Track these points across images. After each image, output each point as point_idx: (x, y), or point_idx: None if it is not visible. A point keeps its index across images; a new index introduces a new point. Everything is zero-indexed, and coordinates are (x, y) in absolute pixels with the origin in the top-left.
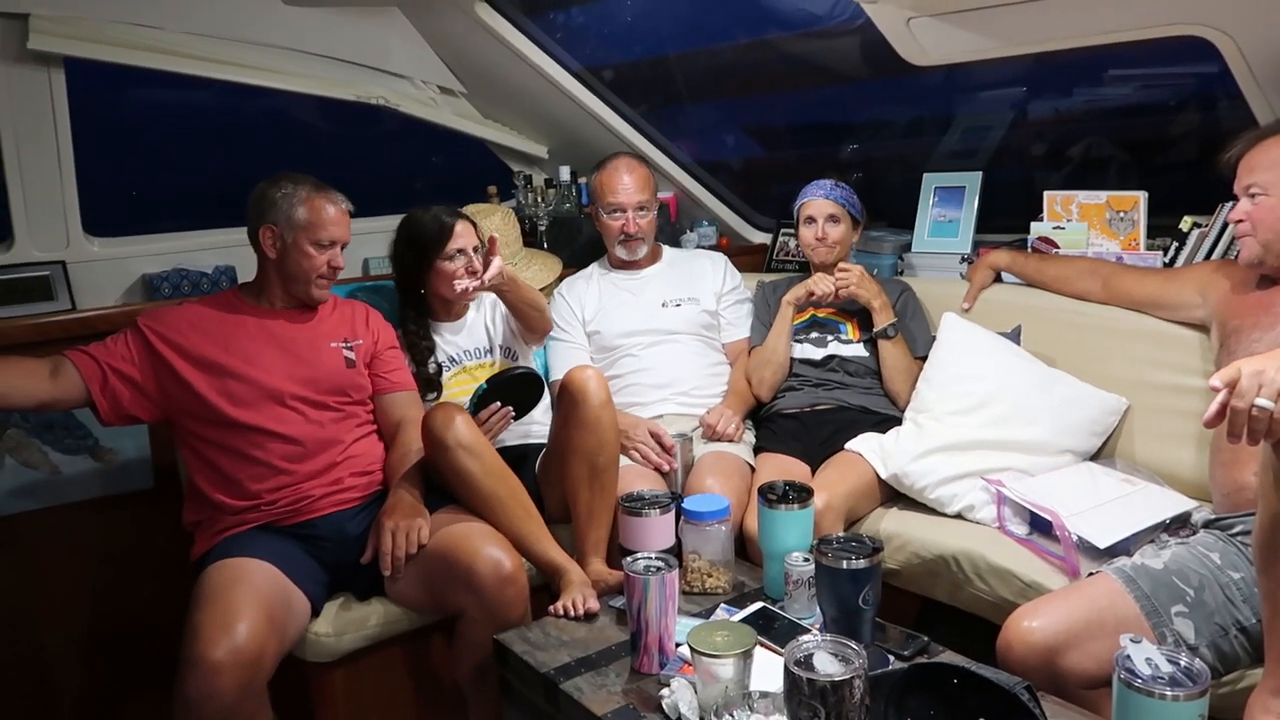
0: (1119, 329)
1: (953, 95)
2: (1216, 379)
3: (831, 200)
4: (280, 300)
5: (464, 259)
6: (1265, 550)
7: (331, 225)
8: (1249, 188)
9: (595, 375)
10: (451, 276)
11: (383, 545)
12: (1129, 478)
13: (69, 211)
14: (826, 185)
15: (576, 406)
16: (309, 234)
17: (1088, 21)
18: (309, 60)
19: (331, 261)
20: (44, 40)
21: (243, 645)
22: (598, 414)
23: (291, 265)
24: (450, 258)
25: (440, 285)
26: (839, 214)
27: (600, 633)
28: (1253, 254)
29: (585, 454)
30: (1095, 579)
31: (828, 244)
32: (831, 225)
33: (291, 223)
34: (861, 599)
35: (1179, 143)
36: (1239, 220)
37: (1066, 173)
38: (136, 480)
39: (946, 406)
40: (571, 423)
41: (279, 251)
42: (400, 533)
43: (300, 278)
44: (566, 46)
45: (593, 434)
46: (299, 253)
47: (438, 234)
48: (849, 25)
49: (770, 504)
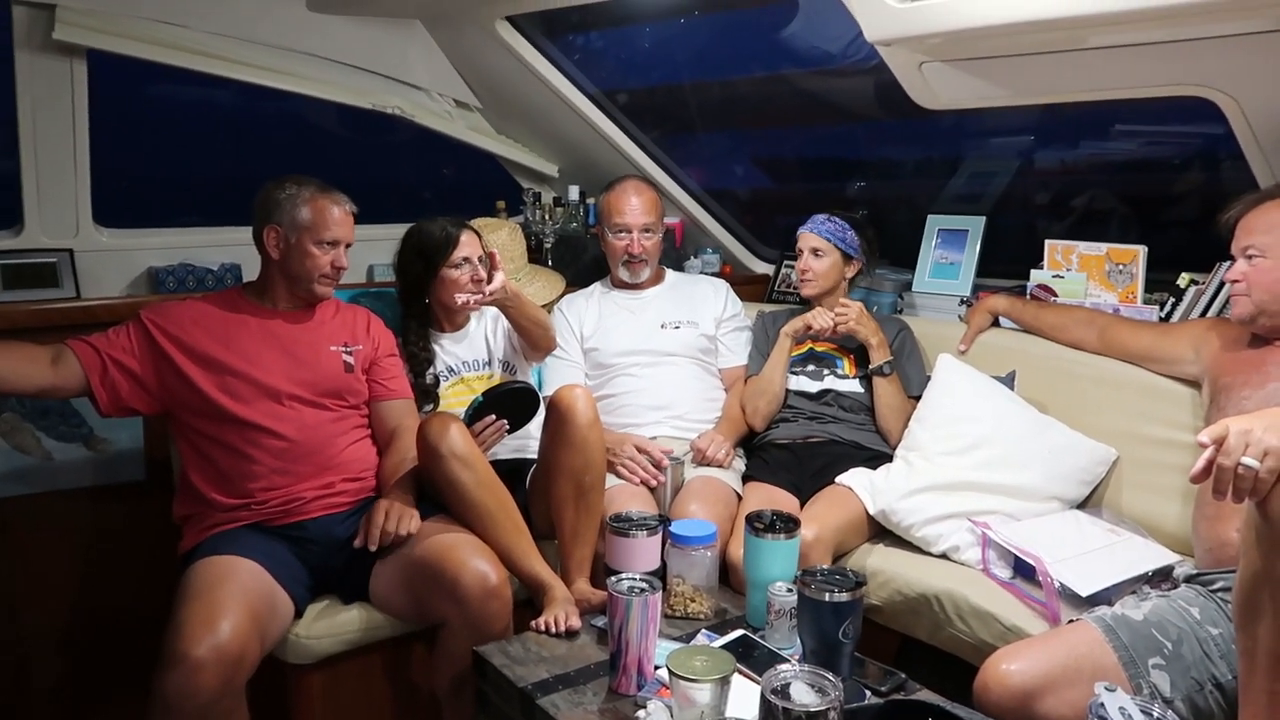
0: (1112, 380)
1: (961, 139)
2: (1205, 435)
3: (817, 234)
4: (283, 300)
5: (469, 267)
6: (1244, 608)
7: (335, 225)
8: (1246, 249)
9: (584, 394)
10: (456, 284)
11: (374, 519)
12: (1114, 528)
13: (80, 201)
14: (819, 219)
15: (564, 425)
16: (313, 234)
17: (1097, 77)
18: (328, 66)
19: (335, 261)
20: (69, 31)
21: (225, 643)
22: (585, 434)
23: (295, 265)
24: (456, 265)
25: (444, 293)
26: (824, 248)
27: (580, 651)
28: (1245, 312)
29: (572, 473)
30: (1075, 626)
31: (807, 276)
32: (814, 259)
33: (295, 223)
34: (842, 632)
35: (1180, 200)
36: (1235, 280)
37: (1069, 223)
38: (128, 471)
39: (938, 446)
40: (558, 441)
41: (282, 251)
42: (394, 513)
43: (304, 277)
44: (583, 69)
45: (579, 453)
46: (302, 253)
47: (443, 242)
48: (863, 65)
49: (757, 533)
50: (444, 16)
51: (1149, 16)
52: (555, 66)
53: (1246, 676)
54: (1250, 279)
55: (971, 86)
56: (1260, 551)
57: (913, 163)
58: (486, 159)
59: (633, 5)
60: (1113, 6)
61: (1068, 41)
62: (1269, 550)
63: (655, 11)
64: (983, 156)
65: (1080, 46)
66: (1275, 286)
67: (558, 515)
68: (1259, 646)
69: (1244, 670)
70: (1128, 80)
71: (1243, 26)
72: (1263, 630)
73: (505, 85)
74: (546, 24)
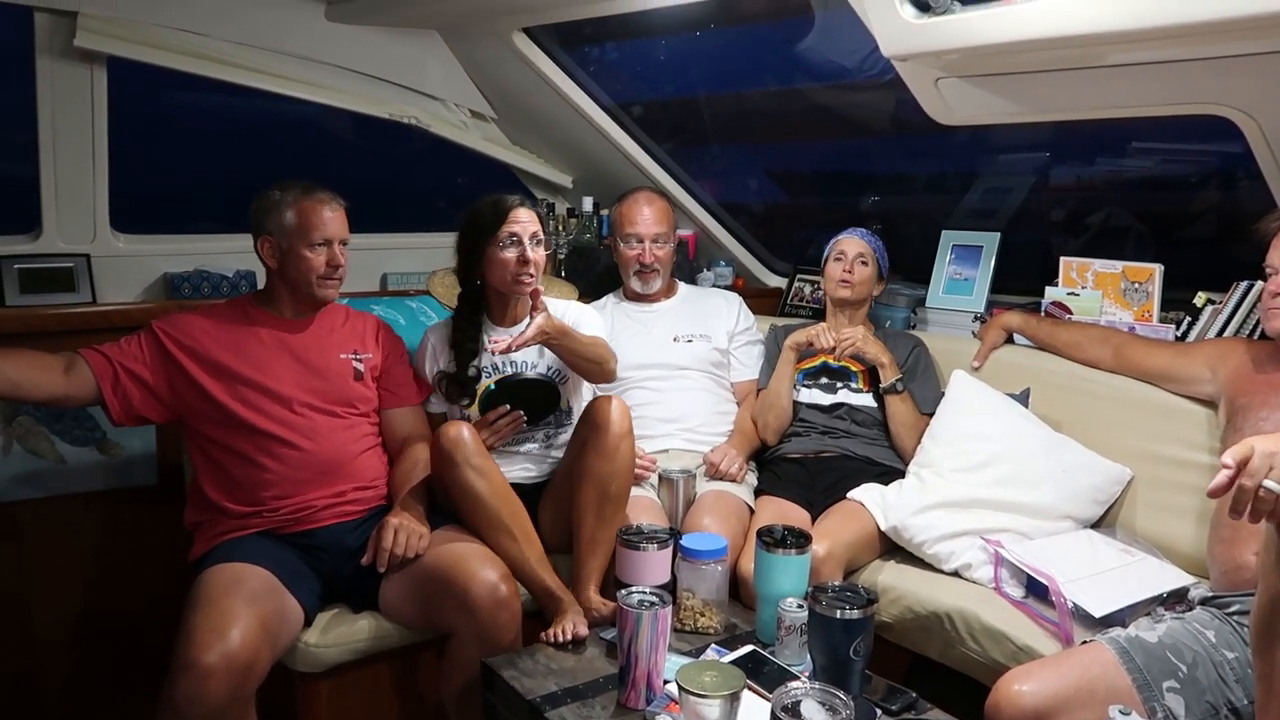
0: (1127, 399)
1: (977, 155)
2: (1228, 456)
3: (865, 242)
4: (289, 308)
5: (517, 248)
6: (1263, 632)
7: (323, 225)
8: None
9: (620, 405)
10: (504, 266)
11: (383, 540)
12: (1128, 548)
13: (98, 206)
14: (863, 229)
15: (597, 433)
16: (303, 238)
17: (1114, 95)
18: (346, 75)
19: (330, 260)
20: (90, 39)
21: (235, 651)
22: (617, 443)
23: (292, 270)
24: (502, 245)
25: (493, 275)
26: (869, 256)
27: (589, 664)
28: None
29: (598, 480)
30: (1089, 647)
31: (852, 282)
32: (860, 265)
33: (284, 230)
34: (853, 649)
35: (1197, 219)
36: (1277, 293)
37: (1084, 240)
38: (141, 476)
39: (951, 463)
40: (589, 447)
41: (279, 260)
42: (403, 532)
43: (303, 282)
44: (599, 80)
45: (609, 461)
46: (296, 257)
47: (492, 216)
48: (878, 80)
49: (768, 548)
50: (461, 28)
51: (1167, 35)
52: (571, 78)
53: (1264, 700)
54: None
55: (987, 102)
56: (1279, 574)
57: (927, 178)
58: (501, 169)
59: (649, 18)
60: (1130, 25)
61: (1085, 59)
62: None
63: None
64: (998, 172)
65: (1097, 64)
66: None
67: (578, 522)
68: (1277, 671)
69: (1261, 695)
70: (1145, 98)
71: (1262, 46)
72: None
73: (521, 96)
74: (562, 36)
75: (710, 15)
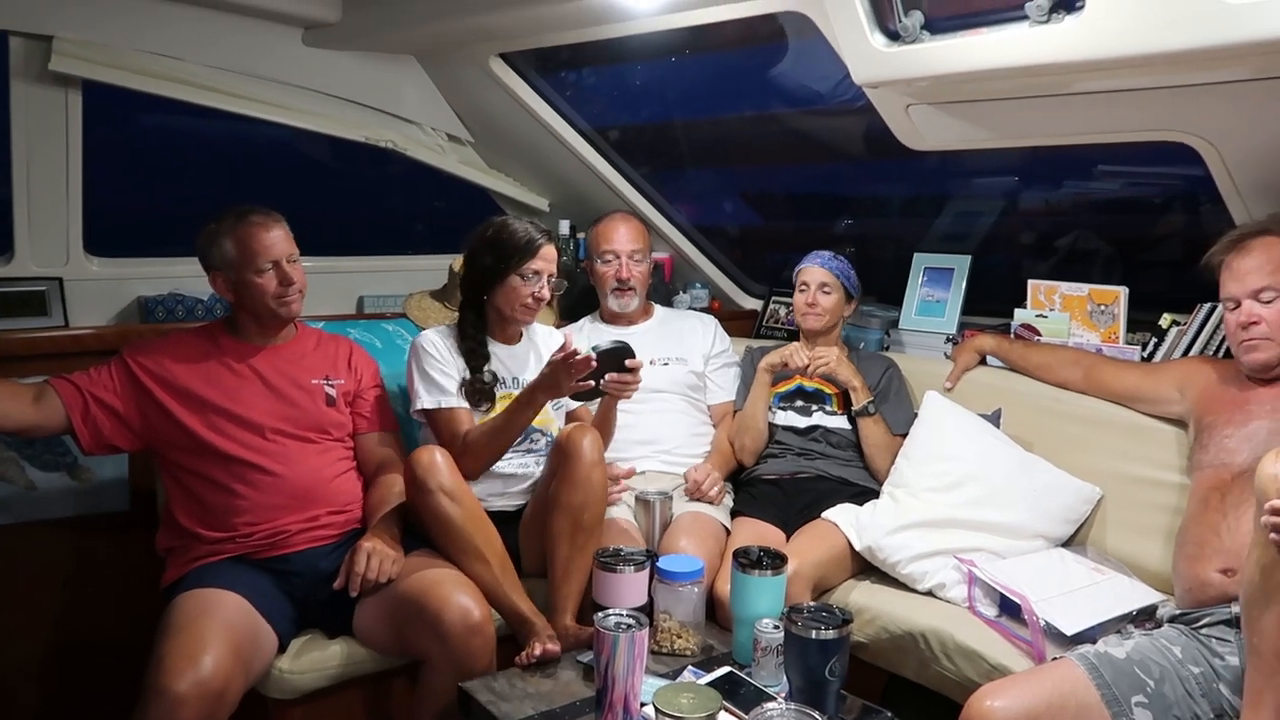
0: (1097, 419)
1: (947, 179)
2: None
3: (827, 270)
4: (256, 334)
5: (537, 283)
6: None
7: (264, 248)
8: (1260, 291)
9: (591, 435)
10: (518, 295)
11: (356, 565)
12: (1099, 566)
13: (71, 229)
14: (825, 255)
15: (567, 462)
16: (248, 265)
17: (1079, 122)
18: (323, 100)
19: (282, 280)
20: (65, 62)
21: (208, 678)
22: (588, 472)
23: (248, 299)
24: (525, 276)
25: (504, 299)
26: (832, 284)
27: (566, 687)
28: (1270, 357)
29: (570, 509)
30: (1059, 664)
31: (816, 311)
32: (823, 294)
33: (228, 261)
34: (828, 670)
35: (1162, 242)
36: (1253, 322)
37: (1053, 262)
38: (112, 502)
39: (924, 483)
40: (561, 476)
41: (233, 291)
42: (376, 556)
43: (261, 307)
44: (575, 105)
45: (580, 491)
46: (246, 285)
47: (524, 245)
48: (851, 105)
49: (744, 569)
50: (438, 52)
51: (1129, 65)
52: (548, 103)
53: (1253, 673)
54: (1271, 322)
55: (957, 129)
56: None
57: (900, 201)
58: (478, 193)
59: (625, 44)
60: (1094, 55)
61: (1051, 87)
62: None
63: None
64: (968, 196)
65: (1064, 92)
66: None
67: (551, 550)
68: (1265, 640)
69: (1251, 667)
70: (1109, 125)
71: (1221, 75)
72: (1270, 622)
73: (498, 120)
74: (539, 61)
75: (685, 42)
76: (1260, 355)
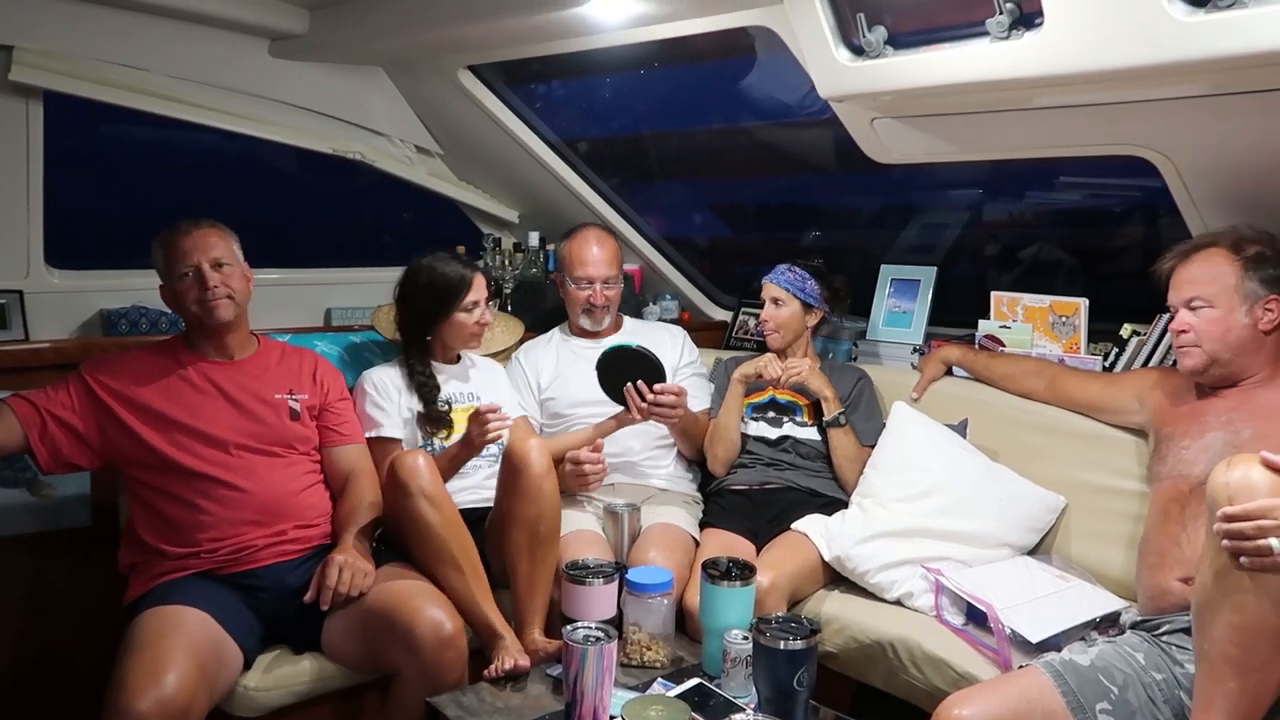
0: (1060, 429)
1: (913, 191)
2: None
3: (777, 284)
4: (212, 348)
5: (479, 310)
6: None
7: (182, 255)
8: (1191, 300)
9: (538, 445)
10: (465, 328)
11: (328, 577)
12: (1063, 574)
13: (32, 241)
14: (780, 270)
15: (518, 476)
16: (171, 272)
17: (1041, 136)
18: (290, 111)
19: (204, 283)
20: (26, 73)
21: (171, 697)
22: (539, 484)
23: (182, 309)
24: (468, 309)
25: (450, 334)
26: (783, 298)
27: (535, 701)
28: (1198, 363)
29: (526, 523)
30: (1025, 672)
31: (770, 326)
32: (774, 308)
33: (162, 270)
34: (796, 680)
35: (1122, 253)
36: (1183, 330)
37: (1017, 274)
38: (74, 518)
39: (892, 493)
40: (513, 492)
41: (175, 305)
42: (348, 570)
43: (187, 315)
44: (545, 117)
45: (534, 504)
46: (175, 295)
47: (460, 283)
48: (818, 118)
49: (713, 580)
50: (407, 65)
51: (1088, 80)
52: (517, 115)
53: (1203, 678)
54: (1199, 330)
55: (921, 142)
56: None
57: (867, 213)
58: (447, 204)
59: (593, 57)
60: (1053, 70)
61: (1013, 101)
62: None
63: (616, 63)
64: (934, 208)
65: (1025, 106)
66: (1226, 336)
67: (512, 566)
68: (1215, 647)
69: (1201, 672)
70: (1070, 139)
71: (1176, 91)
72: (1219, 628)
73: (467, 132)
74: (508, 73)
75: (654, 55)
76: (1188, 361)
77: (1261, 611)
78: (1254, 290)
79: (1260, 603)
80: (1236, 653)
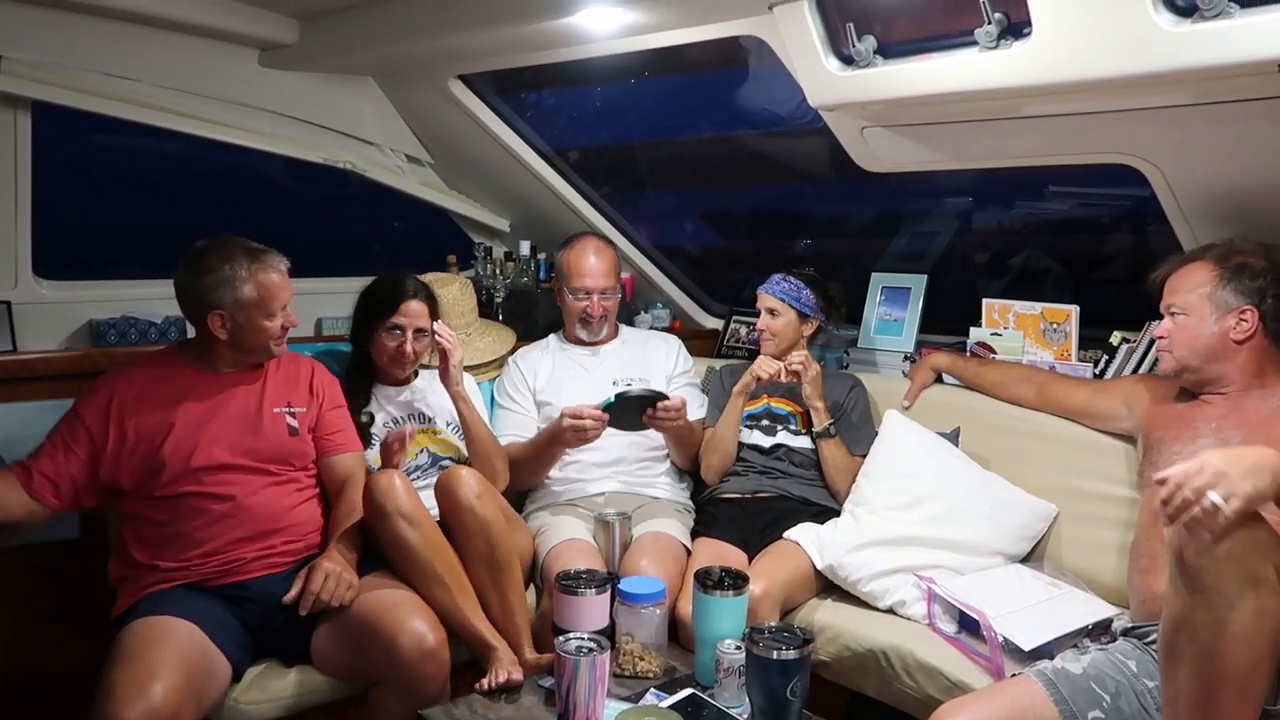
0: (1050, 435)
1: (903, 199)
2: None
3: (772, 294)
4: (227, 365)
5: (399, 339)
6: (1167, 655)
7: (280, 293)
8: (1170, 308)
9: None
10: (384, 349)
11: (311, 583)
12: (1055, 582)
13: (20, 252)
14: (775, 279)
15: (455, 512)
16: (262, 309)
17: (1030, 144)
18: (280, 121)
19: (285, 323)
20: (13, 83)
21: (158, 707)
22: (480, 515)
23: (248, 340)
24: (388, 329)
25: (375, 352)
26: (778, 308)
27: (528, 712)
28: (1169, 367)
29: (480, 557)
30: (1017, 680)
31: (765, 336)
32: (769, 318)
33: (240, 303)
34: (790, 690)
35: (1112, 260)
36: (1160, 336)
37: (1007, 281)
38: (62, 530)
39: (884, 501)
40: (456, 527)
41: (230, 331)
42: (333, 579)
43: (259, 348)
44: (535, 126)
45: (479, 536)
46: (254, 328)
47: (388, 301)
48: (809, 127)
49: (706, 589)
50: (397, 74)
51: (1076, 89)
52: (507, 124)
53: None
54: (1172, 336)
55: (911, 151)
56: (1179, 600)
57: (858, 221)
58: (438, 214)
59: (585, 66)
60: (1041, 79)
61: (1002, 110)
62: (1187, 598)
63: (607, 73)
64: (924, 216)
65: (1013, 115)
66: (1194, 343)
67: (483, 599)
68: (1180, 694)
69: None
70: (1059, 148)
71: (1163, 100)
72: (1183, 677)
73: (457, 141)
74: (499, 83)
75: (645, 64)
76: (1162, 364)
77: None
78: (1226, 300)
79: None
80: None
